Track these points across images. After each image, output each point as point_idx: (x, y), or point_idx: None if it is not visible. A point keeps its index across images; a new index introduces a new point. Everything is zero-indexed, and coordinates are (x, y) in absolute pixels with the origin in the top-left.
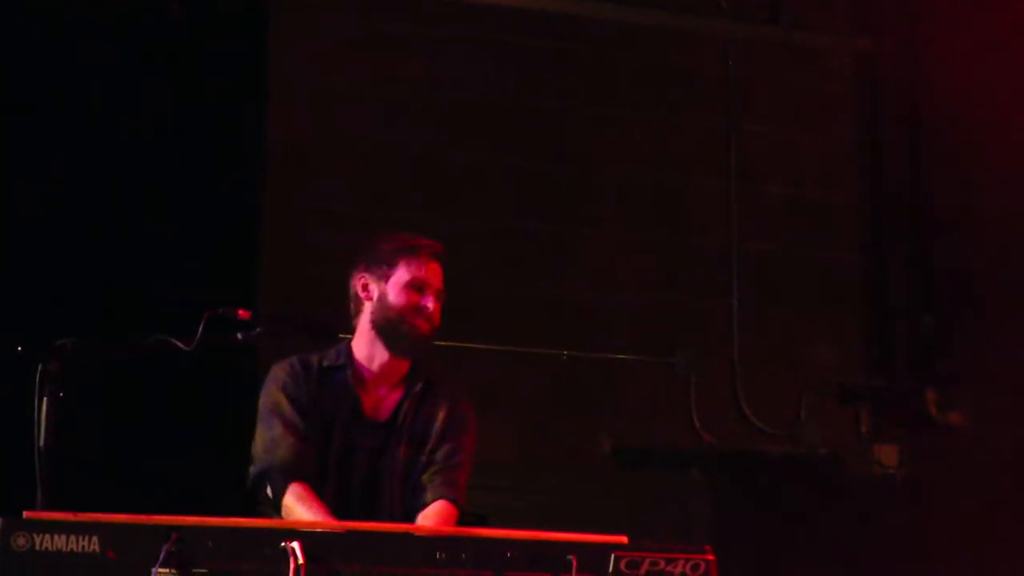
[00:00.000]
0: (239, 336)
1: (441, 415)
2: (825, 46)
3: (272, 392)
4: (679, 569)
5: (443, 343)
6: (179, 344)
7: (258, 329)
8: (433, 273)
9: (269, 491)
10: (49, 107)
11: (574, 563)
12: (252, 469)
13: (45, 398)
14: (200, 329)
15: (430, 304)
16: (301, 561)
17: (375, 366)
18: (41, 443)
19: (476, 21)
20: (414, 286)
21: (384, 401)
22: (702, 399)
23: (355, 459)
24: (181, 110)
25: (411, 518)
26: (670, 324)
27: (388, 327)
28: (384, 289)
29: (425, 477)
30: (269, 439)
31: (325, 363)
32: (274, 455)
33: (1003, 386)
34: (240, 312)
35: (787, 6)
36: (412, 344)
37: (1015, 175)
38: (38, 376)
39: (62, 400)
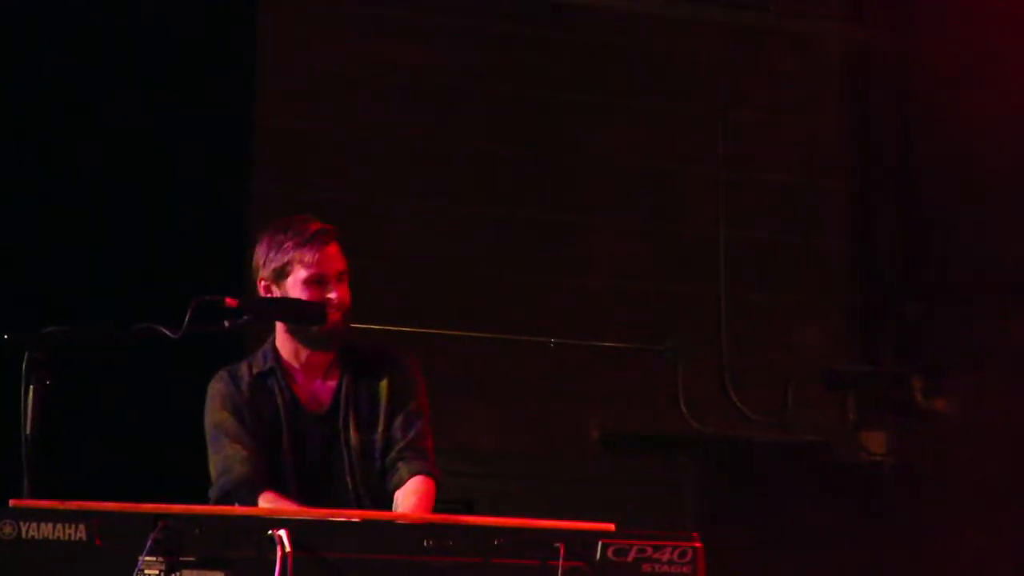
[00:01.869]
0: (226, 324)
1: (383, 390)
2: (815, 33)
3: (212, 411)
4: (667, 556)
5: (432, 331)
6: (166, 332)
7: (245, 317)
8: (329, 259)
9: None
10: (36, 98)
11: (561, 550)
12: (212, 494)
13: (32, 386)
14: (187, 317)
15: (333, 296)
16: (288, 549)
17: (302, 360)
18: (28, 431)
19: (468, 8)
20: (312, 282)
21: (320, 392)
22: (690, 386)
23: (308, 457)
24: (169, 98)
25: (382, 503)
26: (658, 311)
27: (296, 329)
28: (284, 291)
29: (393, 455)
30: (221, 459)
31: (255, 370)
32: (231, 474)
33: (989, 373)
34: (227, 300)
35: None
36: (327, 338)
37: (1005, 162)
38: (25, 364)
39: (49, 388)
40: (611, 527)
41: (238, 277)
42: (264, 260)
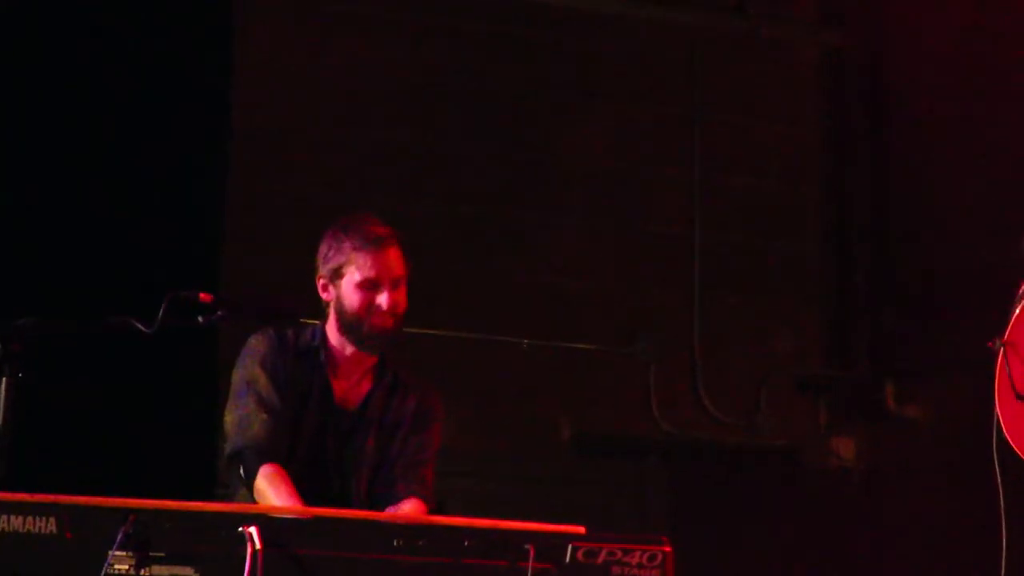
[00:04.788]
0: (200, 319)
1: (411, 408)
2: (791, 38)
3: (249, 365)
4: (636, 560)
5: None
6: (140, 326)
7: (219, 313)
8: (385, 265)
9: (242, 471)
10: (6, 88)
11: (531, 552)
12: (226, 447)
13: (4, 378)
14: (161, 312)
15: (384, 302)
16: (259, 546)
17: (346, 354)
18: (0, 423)
19: (442, 7)
20: (366, 286)
21: (355, 390)
22: (661, 388)
23: (325, 444)
24: (145, 91)
25: (377, 509)
26: (631, 313)
27: (349, 327)
28: (339, 291)
29: (395, 474)
30: (242, 416)
31: (301, 342)
32: (247, 434)
33: (961, 381)
34: (202, 295)
35: None
36: (376, 341)
37: (978, 170)
38: None
39: (22, 380)
40: (581, 530)
41: (213, 273)
42: (323, 258)
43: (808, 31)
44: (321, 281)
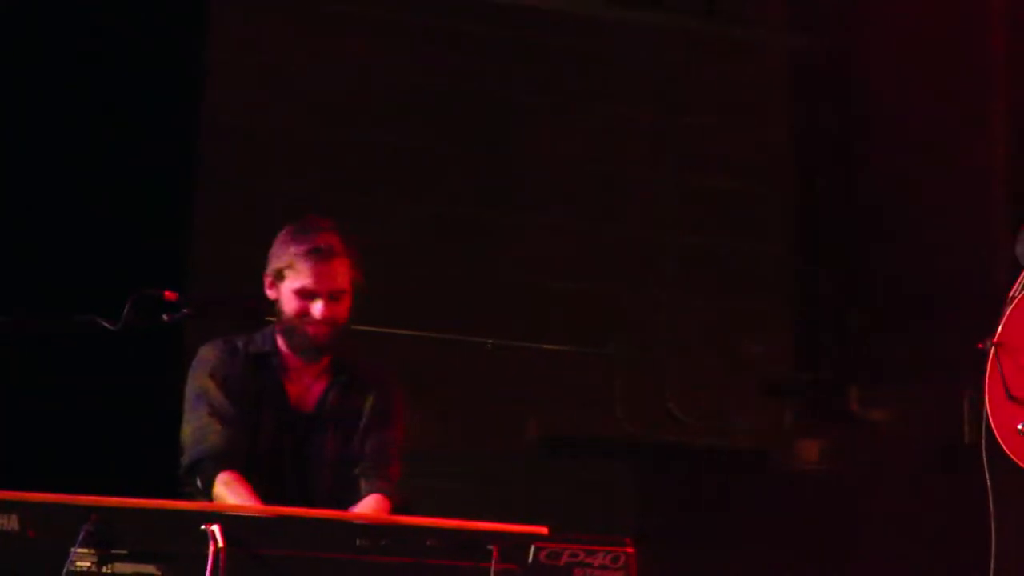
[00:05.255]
0: (165, 317)
1: (368, 406)
2: (761, 40)
3: (200, 376)
4: (599, 561)
5: (372, 328)
6: (105, 324)
7: (184, 311)
8: (325, 276)
9: (199, 482)
10: None
11: (494, 553)
12: (183, 460)
13: None
14: (126, 310)
15: (318, 312)
16: (221, 544)
17: (296, 358)
18: None
19: (418, 6)
20: (302, 294)
21: (309, 391)
22: (629, 389)
23: (282, 447)
24: (114, 86)
25: (342, 508)
26: (599, 314)
27: (286, 331)
28: (280, 293)
29: (357, 471)
30: (196, 427)
31: (251, 349)
32: (203, 444)
33: (926, 384)
34: (167, 293)
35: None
36: (308, 349)
37: (947, 175)
38: None
39: None
40: (544, 530)
41: (180, 272)
42: (271, 256)
43: (778, 35)
44: (268, 279)
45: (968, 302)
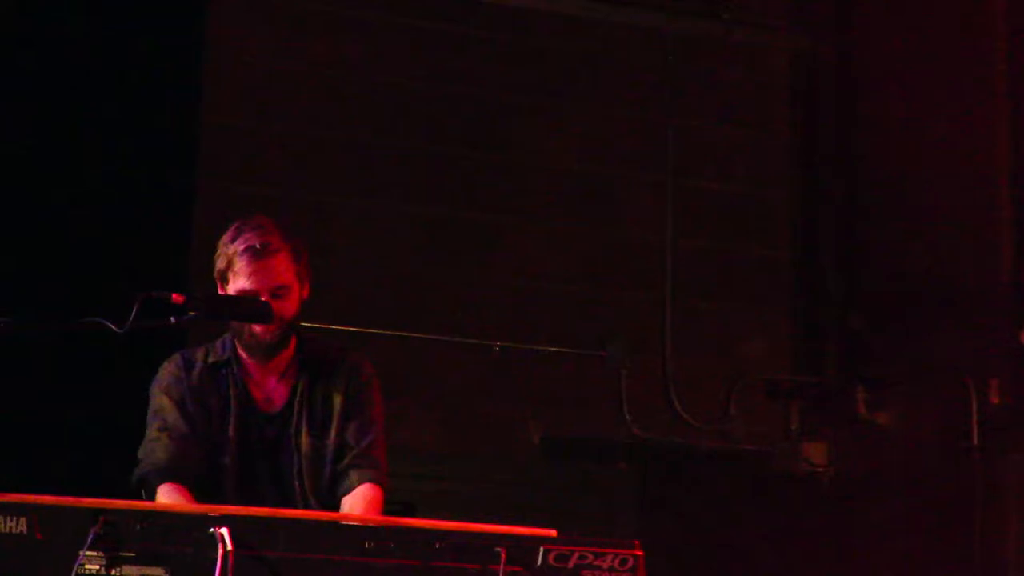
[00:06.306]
0: (172, 320)
1: (338, 396)
2: (763, 43)
3: (156, 394)
4: (608, 563)
5: (374, 331)
6: (112, 327)
7: (191, 313)
8: (265, 275)
9: (143, 495)
10: None
11: (503, 556)
12: (134, 474)
13: None
14: (133, 312)
15: None
16: (230, 547)
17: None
18: None
19: (412, 8)
20: (243, 293)
21: (276, 391)
22: (632, 392)
23: (254, 454)
24: (114, 92)
25: (330, 508)
26: (602, 316)
27: (236, 333)
28: (226, 292)
29: (345, 462)
30: (146, 443)
31: (211, 359)
32: (150, 458)
33: (932, 386)
34: (174, 296)
35: (726, 2)
36: (257, 349)
37: (948, 175)
38: None
39: None
40: (553, 533)
41: (184, 273)
42: (216, 256)
43: (780, 37)
44: (217, 281)
45: (972, 303)
